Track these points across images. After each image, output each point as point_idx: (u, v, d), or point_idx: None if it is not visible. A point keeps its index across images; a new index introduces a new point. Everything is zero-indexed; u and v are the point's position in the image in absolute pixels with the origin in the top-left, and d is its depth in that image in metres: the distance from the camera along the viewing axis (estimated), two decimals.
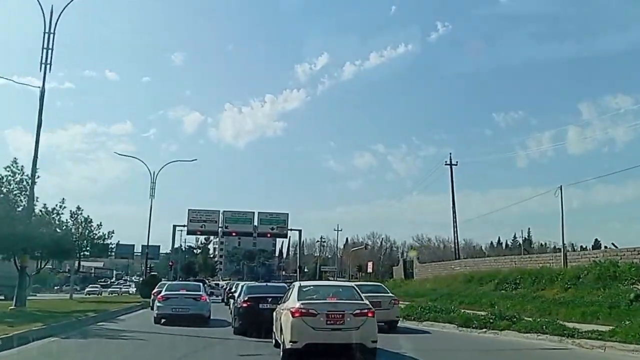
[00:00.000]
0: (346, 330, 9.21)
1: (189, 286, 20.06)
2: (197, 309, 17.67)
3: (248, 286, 16.98)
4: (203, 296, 18.28)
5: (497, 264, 33.86)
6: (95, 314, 18.84)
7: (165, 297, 17.95)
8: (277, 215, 49.74)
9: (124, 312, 22.37)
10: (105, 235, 34.12)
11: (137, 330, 15.44)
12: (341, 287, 11.13)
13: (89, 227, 32.29)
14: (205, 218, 49.67)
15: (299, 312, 9.27)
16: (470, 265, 37.53)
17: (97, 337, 13.43)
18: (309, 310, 9.25)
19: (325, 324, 9.21)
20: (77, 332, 14.11)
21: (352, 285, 10.86)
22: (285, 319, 9.64)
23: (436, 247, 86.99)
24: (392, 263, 79.48)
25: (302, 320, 9.22)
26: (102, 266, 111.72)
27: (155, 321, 17.55)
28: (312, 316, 9.22)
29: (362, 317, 9.37)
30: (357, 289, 10.44)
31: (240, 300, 15.04)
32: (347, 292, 10.30)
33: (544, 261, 29.28)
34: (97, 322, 17.28)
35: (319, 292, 10.22)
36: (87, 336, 13.46)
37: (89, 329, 15.12)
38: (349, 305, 9.52)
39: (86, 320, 16.79)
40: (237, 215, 49.90)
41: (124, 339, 13.40)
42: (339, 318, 9.25)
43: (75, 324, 15.47)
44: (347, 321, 9.26)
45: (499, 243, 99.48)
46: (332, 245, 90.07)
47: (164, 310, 17.64)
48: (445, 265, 42.67)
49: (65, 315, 17.19)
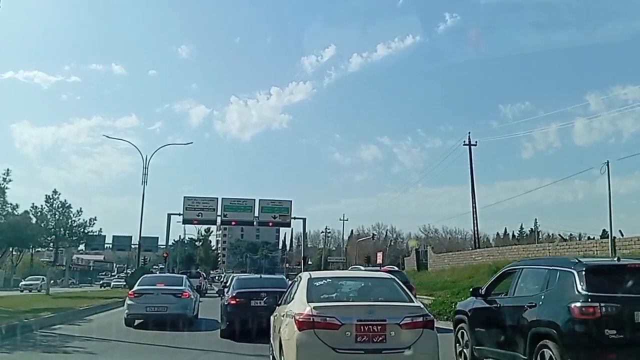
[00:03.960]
0: (390, 351, 5.52)
1: (168, 280, 16.29)
2: (177, 307, 14.01)
3: (238, 279, 13.50)
4: (185, 292, 14.56)
5: (527, 253, 30.21)
6: (53, 314, 15.21)
7: (138, 293, 14.27)
8: (280, 202, 46.06)
9: (96, 311, 18.76)
10: (87, 223, 30.38)
11: (95, 337, 11.88)
12: (375, 279, 7.20)
13: (67, 213, 28.57)
14: (203, 206, 45.94)
15: (311, 321, 5.59)
16: (494, 255, 33.88)
17: (30, 349, 10.09)
18: (326, 319, 5.58)
19: (354, 342, 5.54)
20: (11, 340, 10.57)
21: (392, 276, 6.97)
22: (288, 331, 5.96)
23: (443, 237, 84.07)
24: (397, 254, 76.21)
25: (316, 335, 5.54)
26: (102, 259, 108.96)
27: (126, 323, 13.97)
28: (332, 328, 5.55)
29: (416, 330, 5.67)
30: (401, 283, 6.62)
31: (228, 296, 11.94)
32: (386, 288, 6.54)
33: (585, 248, 25.63)
34: (50, 325, 13.65)
35: (340, 288, 6.52)
36: (17, 347, 10.00)
37: (30, 336, 11.55)
38: (393, 310, 5.83)
39: (35, 323, 13.10)
40: (236, 203, 46.17)
41: (66, 351, 9.80)
42: (377, 332, 5.56)
43: (16, 328, 11.81)
44: (391, 336, 5.59)
45: (505, 234, 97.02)
46: (337, 237, 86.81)
47: (136, 310, 14.03)
48: (464, 255, 39.01)
49: (12, 316, 13.59)
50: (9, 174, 20.32)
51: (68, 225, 29.23)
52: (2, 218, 18.25)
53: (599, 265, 6.51)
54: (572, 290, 6.00)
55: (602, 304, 5.70)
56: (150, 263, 69.02)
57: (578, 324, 5.76)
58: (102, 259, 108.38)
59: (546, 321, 6.13)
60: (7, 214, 19.01)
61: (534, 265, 7.60)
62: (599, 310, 5.68)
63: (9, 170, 20.40)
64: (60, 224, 28.52)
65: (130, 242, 59.65)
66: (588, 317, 5.72)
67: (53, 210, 27.80)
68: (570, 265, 6.32)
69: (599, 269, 6.33)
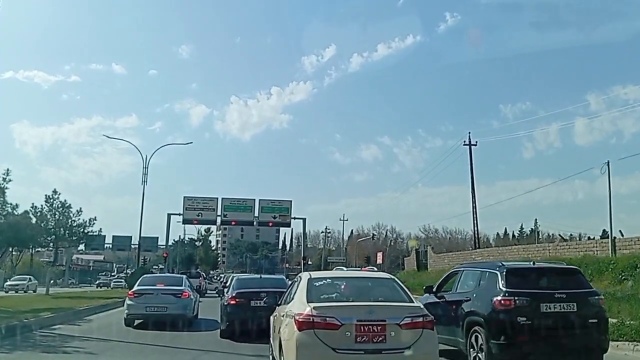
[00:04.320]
0: (390, 352, 5.51)
1: (168, 280, 16.27)
2: (177, 307, 14.00)
3: (238, 279, 13.49)
4: (185, 292, 14.55)
5: (527, 253, 30.25)
6: (53, 314, 15.18)
7: (138, 293, 14.26)
8: (280, 202, 46.06)
9: (96, 311, 18.73)
10: (86, 223, 30.33)
11: (95, 337, 11.88)
12: (374, 279, 7.28)
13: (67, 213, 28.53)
14: (203, 206, 45.94)
15: (311, 322, 5.59)
16: (494, 255, 33.86)
17: (30, 349, 10.05)
18: (326, 320, 5.58)
19: (354, 342, 5.54)
20: (11, 340, 10.55)
21: (392, 276, 7.01)
22: (288, 331, 5.95)
23: (443, 237, 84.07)
24: (397, 254, 76.19)
25: (315, 335, 5.54)
26: (102, 259, 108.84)
27: (125, 323, 13.95)
28: (332, 329, 5.55)
29: (416, 330, 5.66)
30: (402, 283, 6.63)
31: (228, 296, 11.92)
32: (386, 288, 6.54)
33: (585, 248, 25.64)
34: (50, 325, 13.64)
35: (340, 288, 6.51)
36: (17, 347, 9.97)
37: (30, 336, 11.54)
38: (393, 310, 5.83)
39: (35, 323, 13.08)
40: (236, 203, 46.17)
41: (66, 351, 9.77)
42: (376, 332, 5.56)
43: (15, 328, 11.79)
44: (391, 336, 5.59)
45: (505, 234, 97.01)
46: (337, 237, 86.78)
47: (136, 310, 14.02)
48: (464, 256, 38.99)
49: (12, 316, 13.57)
50: (9, 174, 20.29)
51: (68, 225, 29.18)
52: (2, 218, 18.16)
53: (516, 268, 8.07)
54: (495, 287, 7.53)
55: (516, 297, 7.25)
56: (150, 263, 68.96)
57: (499, 313, 7.29)
58: (102, 259, 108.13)
59: (477, 311, 7.63)
60: (7, 214, 18.94)
61: (471, 268, 9.27)
62: (513, 303, 7.22)
63: (9, 170, 20.39)
64: (60, 224, 28.46)
65: (130, 242, 59.58)
66: (505, 308, 7.26)
67: (53, 210, 27.74)
68: (495, 268, 7.91)
69: (516, 270, 7.91)
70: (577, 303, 7.31)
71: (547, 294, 7.32)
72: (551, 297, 7.27)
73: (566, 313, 7.19)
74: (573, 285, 7.61)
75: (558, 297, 7.27)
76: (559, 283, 7.65)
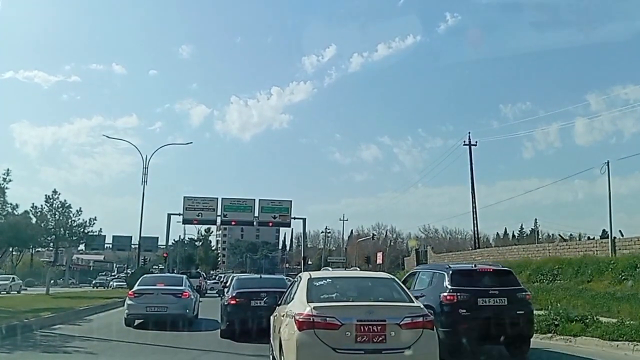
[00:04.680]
0: (390, 352, 5.52)
1: (168, 280, 16.27)
2: (177, 307, 14.01)
3: (238, 279, 13.49)
4: (185, 292, 14.56)
5: (527, 253, 30.21)
6: (53, 314, 15.19)
7: (138, 293, 14.27)
8: (280, 202, 46.05)
9: (96, 311, 18.73)
10: (86, 223, 30.29)
11: (96, 337, 11.88)
12: (374, 279, 7.29)
13: (67, 213, 28.50)
14: (203, 206, 45.91)
15: (311, 321, 5.60)
16: (494, 255, 33.84)
17: (30, 349, 10.06)
18: (326, 320, 5.59)
19: (354, 342, 5.55)
20: (11, 340, 10.55)
21: (392, 276, 7.04)
22: (288, 331, 5.96)
23: (443, 237, 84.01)
24: (397, 254, 76.11)
25: (316, 335, 5.55)
26: (102, 259, 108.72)
27: (126, 323, 13.97)
28: (332, 328, 5.56)
29: (416, 330, 5.67)
30: (401, 283, 6.64)
31: (228, 296, 11.93)
32: (386, 288, 6.56)
33: (585, 249, 25.63)
34: (50, 325, 13.64)
35: (341, 288, 6.52)
36: (17, 347, 9.96)
37: (30, 336, 11.53)
38: (393, 310, 5.84)
39: (35, 323, 13.09)
40: (236, 203, 46.14)
41: (66, 351, 9.78)
42: (376, 332, 5.57)
43: (16, 328, 11.79)
44: (391, 336, 5.60)
45: (505, 234, 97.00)
46: (337, 237, 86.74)
47: (136, 310, 14.04)
48: (464, 256, 38.98)
49: (12, 316, 13.57)
50: (9, 174, 20.34)
51: (68, 225, 29.17)
52: (2, 218, 18.15)
53: (460, 269, 9.64)
54: (443, 285, 9.05)
55: (458, 293, 8.75)
56: (150, 263, 68.82)
57: (445, 307, 8.75)
58: (102, 259, 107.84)
59: (429, 305, 8.44)
60: (7, 214, 18.94)
61: (426, 269, 11.02)
62: (456, 298, 8.72)
63: (9, 170, 20.44)
64: (60, 224, 28.45)
65: (130, 242, 59.53)
66: (450, 302, 8.73)
67: (53, 210, 27.75)
68: (444, 269, 9.53)
69: (459, 271, 9.43)
70: (508, 298, 8.96)
71: (483, 291, 8.89)
72: (487, 293, 8.87)
73: (499, 306, 8.82)
74: (505, 284, 9.27)
75: (492, 293, 8.91)
76: (494, 282, 9.25)
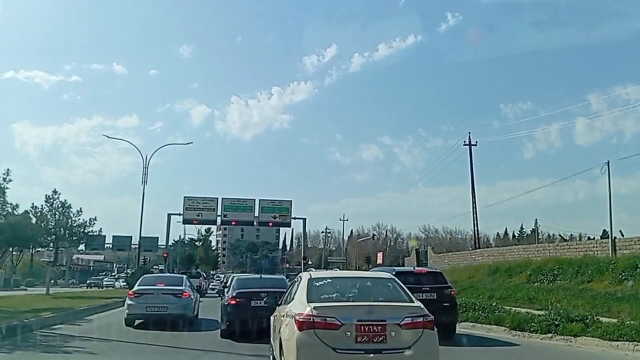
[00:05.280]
0: (390, 352, 5.52)
1: (168, 280, 16.26)
2: (177, 307, 14.02)
3: (238, 279, 13.48)
4: (186, 292, 14.56)
5: (527, 253, 30.21)
6: (53, 314, 15.18)
7: (138, 293, 14.27)
8: (280, 202, 46.04)
9: (96, 311, 18.74)
10: (87, 223, 30.28)
11: (96, 337, 11.87)
12: (374, 279, 7.23)
13: (67, 213, 28.50)
14: (203, 206, 45.92)
15: (311, 322, 5.60)
16: (494, 255, 33.86)
17: (30, 349, 10.03)
18: (327, 320, 5.58)
19: (354, 342, 5.54)
20: (11, 340, 10.54)
21: (392, 276, 7.03)
22: (289, 331, 5.96)
23: (443, 237, 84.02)
24: (397, 254, 76.08)
25: (316, 335, 5.55)
26: (102, 259, 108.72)
27: (126, 323, 13.97)
28: (332, 329, 5.55)
29: (416, 330, 5.67)
30: (401, 283, 6.64)
31: (228, 296, 11.92)
32: (386, 288, 6.56)
33: (585, 249, 25.64)
34: (50, 325, 13.64)
35: (341, 288, 6.50)
36: (17, 347, 9.95)
37: (31, 336, 11.52)
38: (393, 310, 5.83)
39: (35, 323, 13.07)
40: (237, 203, 46.14)
41: (66, 351, 9.78)
42: (377, 332, 5.57)
43: (16, 328, 11.78)
44: (392, 336, 5.59)
45: (505, 234, 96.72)
46: (337, 237, 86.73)
47: (137, 310, 14.04)
48: (464, 256, 38.98)
49: (13, 316, 13.57)
50: (9, 174, 20.40)
51: (68, 225, 29.17)
52: (2, 218, 18.17)
53: (402, 271, 12.54)
54: None
55: None
56: (150, 263, 68.86)
57: None
58: (102, 259, 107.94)
59: None
60: (7, 214, 18.96)
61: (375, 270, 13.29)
62: None
63: (9, 170, 20.48)
64: (60, 224, 28.45)
65: (130, 242, 59.56)
66: None
67: (53, 210, 27.75)
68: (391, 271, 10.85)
69: (402, 272, 12.01)
70: (437, 293, 11.62)
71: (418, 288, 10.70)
72: (421, 289, 11.07)
73: (430, 299, 10.94)
74: (436, 282, 12.19)
75: (424, 289, 11.45)
76: (427, 280, 12.14)
